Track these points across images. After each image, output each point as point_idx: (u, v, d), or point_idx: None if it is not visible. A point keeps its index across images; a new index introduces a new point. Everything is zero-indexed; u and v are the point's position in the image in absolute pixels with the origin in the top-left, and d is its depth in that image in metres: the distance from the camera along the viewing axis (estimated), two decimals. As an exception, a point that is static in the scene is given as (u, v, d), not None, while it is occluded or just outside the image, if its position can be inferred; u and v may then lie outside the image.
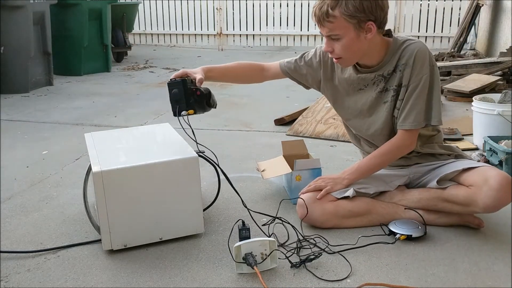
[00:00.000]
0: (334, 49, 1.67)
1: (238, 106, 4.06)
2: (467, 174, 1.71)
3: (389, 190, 1.86)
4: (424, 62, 1.67)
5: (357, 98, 1.84)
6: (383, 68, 1.74)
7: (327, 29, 1.64)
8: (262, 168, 2.21)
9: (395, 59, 1.72)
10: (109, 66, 5.97)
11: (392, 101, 1.76)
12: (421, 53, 1.67)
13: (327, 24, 1.62)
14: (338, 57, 1.70)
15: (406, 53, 1.69)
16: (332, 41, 1.66)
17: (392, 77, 1.74)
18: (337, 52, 1.67)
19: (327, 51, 1.70)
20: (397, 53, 1.71)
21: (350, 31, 1.62)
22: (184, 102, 1.65)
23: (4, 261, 1.66)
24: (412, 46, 1.69)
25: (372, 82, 1.78)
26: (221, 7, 8.46)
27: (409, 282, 1.48)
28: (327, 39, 1.67)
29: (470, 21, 6.27)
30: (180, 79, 1.67)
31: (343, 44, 1.64)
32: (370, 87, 1.80)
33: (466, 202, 1.68)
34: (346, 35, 1.62)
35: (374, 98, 1.79)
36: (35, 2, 4.63)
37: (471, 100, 2.87)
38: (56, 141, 3.11)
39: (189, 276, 1.54)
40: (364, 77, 1.79)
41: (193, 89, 1.66)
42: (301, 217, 1.82)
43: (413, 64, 1.68)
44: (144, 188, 1.66)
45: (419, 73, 1.68)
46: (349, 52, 1.67)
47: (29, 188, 2.33)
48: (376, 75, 1.76)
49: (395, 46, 1.72)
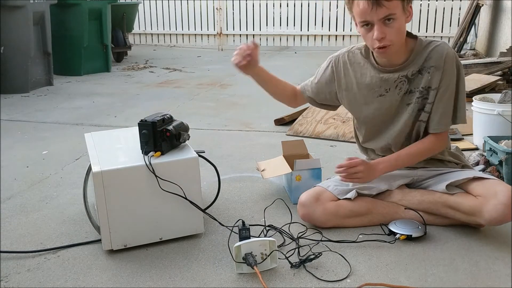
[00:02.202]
0: (387, 34, 1.58)
1: (238, 106, 4.06)
2: (476, 183, 1.70)
3: (390, 189, 1.86)
4: (453, 65, 1.67)
5: (378, 105, 1.79)
6: (408, 68, 1.71)
7: (385, 9, 1.54)
8: (262, 168, 2.21)
9: (421, 60, 1.69)
10: (109, 66, 5.97)
11: (417, 103, 1.73)
12: (450, 56, 1.67)
13: (386, 4, 1.53)
14: (388, 44, 1.61)
15: (434, 55, 1.67)
16: (384, 26, 1.57)
17: (417, 79, 1.71)
18: (390, 38, 1.59)
19: (379, 38, 1.58)
20: (423, 53, 1.69)
21: (401, 11, 1.58)
22: (152, 144, 1.70)
23: (4, 261, 1.66)
24: (440, 49, 1.67)
25: (395, 85, 1.73)
26: (221, 7, 8.46)
27: (409, 282, 1.48)
28: (378, 25, 1.57)
29: (470, 21, 6.27)
30: (151, 121, 1.69)
31: (397, 26, 1.58)
32: (392, 92, 1.75)
33: (471, 211, 1.67)
34: (400, 15, 1.58)
35: (398, 102, 1.75)
36: (35, 2, 4.63)
37: (471, 100, 2.87)
38: (56, 141, 3.11)
39: (189, 276, 1.54)
40: (387, 78, 1.74)
41: (163, 130, 1.71)
42: (302, 216, 1.83)
43: (443, 67, 1.66)
44: (144, 188, 1.66)
45: (450, 77, 1.67)
46: (401, 35, 1.63)
47: (29, 188, 2.33)
48: (400, 76, 1.72)
49: (420, 47, 1.70)
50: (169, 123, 1.77)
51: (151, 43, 8.96)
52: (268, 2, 8.32)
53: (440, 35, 7.70)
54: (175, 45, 8.82)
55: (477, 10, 6.29)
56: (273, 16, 8.40)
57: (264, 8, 8.37)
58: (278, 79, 1.96)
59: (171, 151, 1.75)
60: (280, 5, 8.32)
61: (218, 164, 1.96)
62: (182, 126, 1.81)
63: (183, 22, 8.72)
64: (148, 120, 1.71)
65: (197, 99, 4.40)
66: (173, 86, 5.07)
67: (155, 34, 8.92)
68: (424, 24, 7.72)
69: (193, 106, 4.12)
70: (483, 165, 2.32)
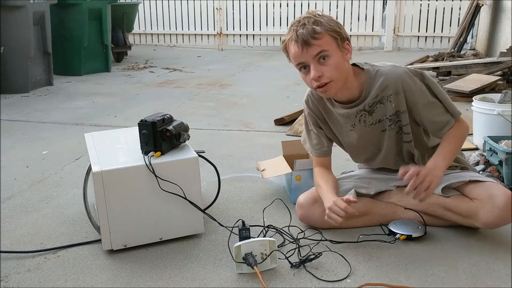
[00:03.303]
0: (324, 72, 1.56)
1: (238, 106, 4.06)
2: (473, 186, 1.70)
3: (388, 190, 1.86)
4: (413, 80, 1.65)
5: (354, 136, 1.78)
6: (363, 101, 1.68)
7: (315, 47, 1.53)
8: (262, 168, 2.21)
9: (376, 91, 1.66)
10: (109, 66, 5.97)
11: (391, 129, 1.72)
12: (404, 76, 1.64)
13: (315, 42, 1.52)
14: (328, 81, 1.58)
15: (389, 83, 1.64)
16: (320, 65, 1.56)
17: (380, 108, 1.69)
18: (327, 75, 1.56)
19: (316, 77, 1.56)
20: (374, 84, 1.66)
21: (335, 48, 1.56)
22: (152, 144, 1.70)
23: (4, 261, 1.66)
24: (391, 76, 1.64)
25: (357, 120, 1.72)
26: (221, 7, 8.46)
27: (409, 282, 1.48)
28: (313, 65, 1.56)
29: (470, 21, 6.27)
30: (151, 121, 1.69)
31: (333, 62, 1.56)
32: (358, 125, 1.73)
33: (467, 214, 1.68)
34: (333, 52, 1.56)
35: (370, 132, 1.75)
36: (35, 2, 4.63)
37: (471, 100, 2.87)
38: (56, 141, 3.11)
39: (189, 276, 1.54)
40: (348, 114, 1.71)
41: (163, 130, 1.71)
42: (300, 217, 1.83)
43: (403, 89, 1.64)
44: (144, 188, 1.66)
45: (417, 91, 1.65)
46: (339, 71, 1.58)
47: (29, 188, 2.33)
48: (358, 110, 1.70)
49: (370, 78, 1.67)
50: (169, 123, 1.77)
51: (151, 43, 8.96)
52: (268, 2, 8.32)
53: (440, 35, 7.70)
54: (175, 45, 8.82)
55: (477, 10, 6.30)
56: (273, 16, 8.40)
57: (264, 8, 8.36)
58: (333, 180, 1.83)
59: (171, 151, 1.75)
60: (280, 5, 8.32)
61: (218, 164, 1.96)
62: (182, 126, 1.81)
63: (183, 22, 8.72)
64: (148, 120, 1.71)
65: (197, 99, 4.40)
66: (173, 86, 5.07)
67: (155, 34, 8.92)
68: (424, 24, 7.72)
69: (193, 106, 4.12)
70: (483, 165, 2.32)
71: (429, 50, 7.41)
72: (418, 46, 7.79)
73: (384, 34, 7.84)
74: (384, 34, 7.84)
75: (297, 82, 4.90)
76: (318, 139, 1.86)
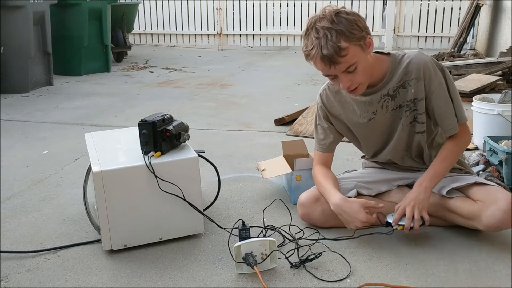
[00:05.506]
0: (353, 80, 1.58)
1: (238, 106, 4.06)
2: (477, 188, 1.69)
3: (390, 189, 1.86)
4: (435, 69, 1.66)
5: (371, 128, 1.78)
6: (387, 85, 1.69)
7: (344, 64, 1.52)
8: (262, 168, 2.21)
9: (400, 75, 1.68)
10: (109, 66, 5.97)
11: (407, 116, 1.72)
12: (428, 63, 1.65)
13: (342, 59, 1.51)
14: (357, 86, 1.60)
15: (412, 68, 1.66)
16: (349, 74, 1.56)
17: (402, 93, 1.70)
18: (357, 80, 1.58)
19: (347, 86, 1.59)
20: (399, 69, 1.68)
21: (361, 53, 1.55)
22: (152, 144, 1.70)
23: (4, 261, 1.66)
24: (415, 60, 1.66)
25: (380, 105, 1.73)
26: (221, 7, 8.46)
27: (409, 282, 1.48)
28: (342, 77, 1.57)
29: (470, 21, 6.27)
30: (151, 121, 1.70)
31: (361, 69, 1.56)
32: (380, 112, 1.74)
33: (469, 216, 1.67)
34: (361, 59, 1.55)
35: (390, 119, 1.75)
36: (35, 2, 4.63)
37: (471, 100, 2.87)
38: (56, 141, 3.11)
39: (189, 276, 1.54)
40: (371, 101, 1.72)
41: (163, 130, 1.72)
42: (302, 216, 1.83)
43: (424, 76, 1.65)
44: (144, 188, 1.66)
45: (436, 81, 1.66)
46: (367, 73, 1.61)
47: (29, 188, 2.33)
48: (382, 95, 1.71)
49: (395, 63, 1.69)
50: (169, 123, 1.77)
51: (151, 43, 8.96)
52: (268, 2, 8.32)
53: (440, 35, 7.70)
54: (175, 45, 8.82)
55: (477, 10, 6.30)
56: (273, 16, 8.40)
57: (264, 8, 8.37)
58: (336, 183, 1.82)
59: (171, 151, 1.75)
60: (280, 5, 8.32)
61: (218, 164, 1.96)
62: (182, 126, 1.81)
63: (183, 22, 8.72)
64: (148, 120, 1.71)
65: (197, 99, 4.40)
66: (173, 86, 5.07)
67: (155, 34, 8.93)
68: (424, 24, 7.72)
69: (193, 106, 4.12)
70: (483, 165, 2.32)
71: (429, 50, 7.41)
72: (418, 46, 7.79)
73: (384, 34, 7.84)
74: (384, 34, 7.84)
75: (297, 82, 4.89)
76: (324, 134, 1.86)
